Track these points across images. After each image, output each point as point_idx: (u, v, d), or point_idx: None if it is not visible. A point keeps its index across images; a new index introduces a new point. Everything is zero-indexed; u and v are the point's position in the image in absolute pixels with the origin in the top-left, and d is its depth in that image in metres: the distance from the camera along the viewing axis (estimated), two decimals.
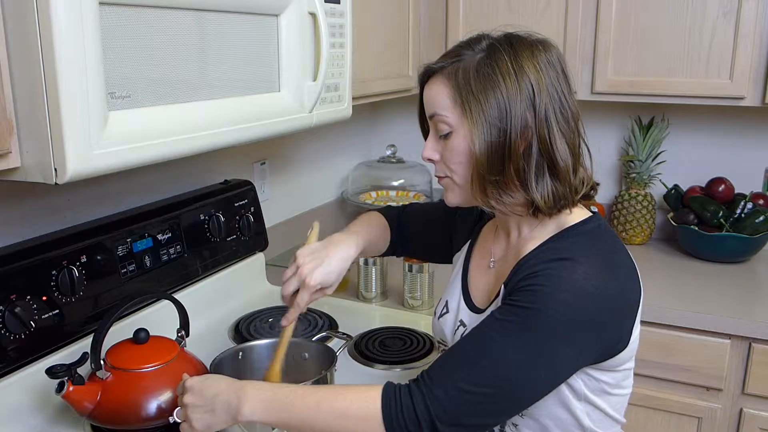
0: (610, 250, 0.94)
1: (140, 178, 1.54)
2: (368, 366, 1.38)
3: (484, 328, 0.90)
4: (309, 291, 1.08)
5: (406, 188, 2.41)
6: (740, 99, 1.88)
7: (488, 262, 1.08)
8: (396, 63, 1.99)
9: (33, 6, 0.81)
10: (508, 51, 0.92)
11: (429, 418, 0.85)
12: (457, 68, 0.94)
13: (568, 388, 0.94)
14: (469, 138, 0.93)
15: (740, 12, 1.82)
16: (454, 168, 0.97)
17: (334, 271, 1.10)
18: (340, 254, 1.12)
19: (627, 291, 0.92)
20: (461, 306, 1.08)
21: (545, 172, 0.92)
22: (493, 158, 0.91)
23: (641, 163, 2.21)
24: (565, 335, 0.86)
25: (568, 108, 0.93)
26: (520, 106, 0.90)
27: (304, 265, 1.09)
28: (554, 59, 0.94)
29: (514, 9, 2.06)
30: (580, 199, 0.97)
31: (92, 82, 0.87)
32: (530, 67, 0.91)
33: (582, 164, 0.97)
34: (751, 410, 1.75)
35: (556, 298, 0.86)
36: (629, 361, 0.97)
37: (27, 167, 0.88)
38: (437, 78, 0.97)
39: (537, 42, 0.95)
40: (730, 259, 2.07)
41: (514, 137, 0.90)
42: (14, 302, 1.12)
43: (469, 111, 0.91)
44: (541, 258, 0.92)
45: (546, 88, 0.91)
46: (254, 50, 1.20)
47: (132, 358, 1.10)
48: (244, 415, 0.92)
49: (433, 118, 0.97)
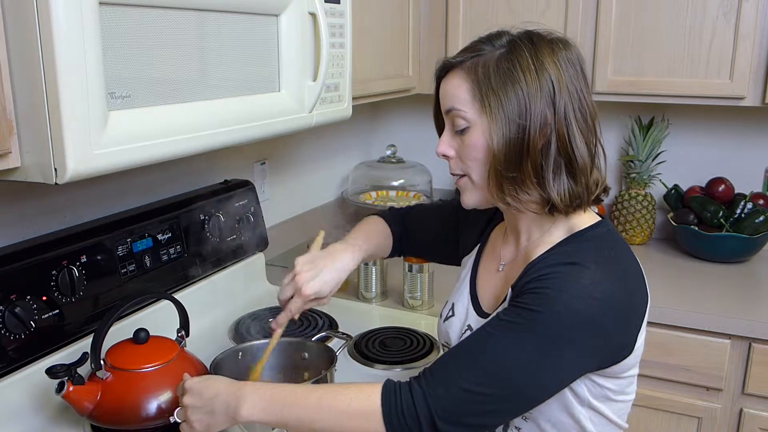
0: (618, 256, 0.93)
1: (140, 178, 1.54)
2: (368, 366, 1.38)
3: (488, 329, 0.90)
4: (303, 300, 1.10)
5: (406, 188, 2.41)
6: (740, 99, 1.88)
7: (497, 266, 1.07)
8: (396, 63, 1.99)
9: (33, 6, 0.81)
10: (529, 47, 0.92)
11: (429, 416, 0.85)
12: (476, 63, 0.93)
13: (571, 393, 0.93)
14: (487, 134, 0.92)
15: (740, 12, 1.82)
16: (470, 164, 0.96)
17: (330, 283, 1.12)
18: (337, 266, 1.13)
19: (634, 297, 0.92)
20: (469, 311, 1.07)
21: (563, 170, 0.92)
22: (511, 154, 0.91)
23: (641, 163, 2.21)
24: (569, 339, 0.85)
25: (587, 106, 0.93)
26: (540, 103, 0.89)
27: (301, 274, 1.10)
28: (574, 57, 0.94)
29: (514, 9, 2.06)
30: (593, 201, 0.97)
31: (92, 82, 0.87)
32: (551, 64, 0.90)
33: (597, 165, 0.96)
34: (751, 410, 1.75)
35: (562, 302, 0.85)
36: (633, 368, 0.96)
37: (27, 167, 0.88)
38: (456, 72, 0.96)
39: (557, 39, 0.94)
40: (730, 259, 2.07)
41: (533, 134, 0.89)
42: (14, 302, 1.12)
43: (488, 106, 0.91)
44: (549, 261, 0.91)
45: (566, 85, 0.91)
46: (254, 50, 1.20)
47: (132, 358, 1.10)
48: (242, 416, 0.92)
49: (450, 113, 0.96)
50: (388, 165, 2.43)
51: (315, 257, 1.13)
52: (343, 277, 1.14)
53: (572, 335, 0.85)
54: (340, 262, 1.14)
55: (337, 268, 1.13)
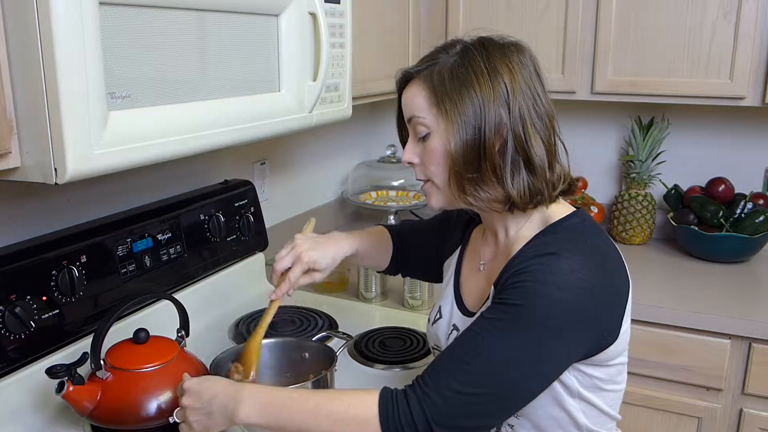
0: (595, 244, 0.95)
1: (140, 178, 1.54)
2: (368, 366, 1.38)
3: (474, 329, 0.91)
4: (302, 267, 1.15)
5: (406, 188, 2.41)
6: (740, 99, 1.88)
7: (478, 265, 1.09)
8: (396, 63, 1.99)
9: (33, 6, 0.81)
10: (482, 53, 0.95)
11: (425, 422, 0.86)
12: (432, 71, 0.96)
13: (561, 385, 0.94)
14: (445, 138, 0.94)
15: (740, 12, 1.82)
16: (433, 169, 0.98)
17: (327, 257, 1.18)
18: (334, 247, 1.20)
19: (613, 282, 0.93)
20: (454, 310, 1.09)
21: (521, 168, 0.94)
22: (469, 156, 0.93)
23: (641, 163, 2.21)
24: (553, 329, 0.87)
25: (542, 106, 0.96)
26: (495, 105, 0.92)
27: (301, 245, 1.17)
28: (527, 60, 0.96)
29: (514, 9, 2.06)
30: (562, 195, 1.00)
31: (92, 82, 0.87)
32: (503, 67, 0.93)
33: (558, 161, 0.98)
34: (751, 410, 1.75)
35: (541, 293, 0.86)
36: (621, 355, 0.97)
37: (27, 167, 0.88)
38: (414, 82, 0.99)
39: (509, 44, 0.98)
40: (730, 259, 2.07)
41: (489, 135, 0.92)
42: (14, 302, 1.12)
43: (445, 111, 0.94)
44: (526, 255, 0.93)
45: (520, 86, 0.93)
46: (254, 50, 1.20)
47: (132, 358, 1.10)
48: (240, 418, 0.92)
49: (411, 121, 0.99)
50: (388, 165, 2.44)
51: (312, 235, 1.21)
52: (338, 257, 1.20)
53: (555, 325, 0.86)
54: (337, 245, 1.21)
55: (335, 248, 1.20)
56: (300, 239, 1.18)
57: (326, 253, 1.18)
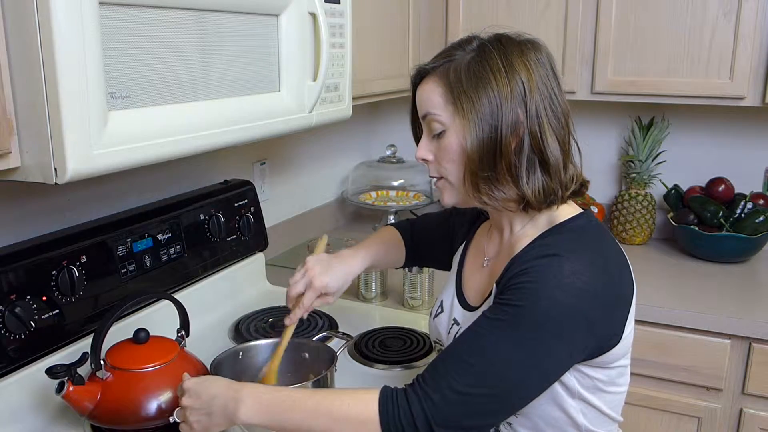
0: (598, 246, 0.94)
1: (140, 178, 1.54)
2: (368, 366, 1.38)
3: (475, 328, 0.91)
4: (315, 292, 1.15)
5: (406, 188, 2.41)
6: (740, 99, 1.88)
7: (482, 261, 1.09)
8: (396, 63, 1.99)
9: (33, 6, 0.81)
10: (499, 49, 0.94)
11: (426, 422, 0.86)
12: (448, 68, 0.95)
13: (561, 385, 0.94)
14: (461, 135, 0.94)
15: (740, 12, 1.82)
16: (447, 167, 0.97)
17: (338, 280, 1.19)
18: (345, 269, 1.20)
19: (616, 285, 0.93)
20: (455, 304, 1.09)
21: (536, 168, 0.93)
22: (484, 155, 0.92)
23: (641, 163, 2.21)
24: (555, 331, 0.86)
25: (559, 105, 0.95)
26: (512, 103, 0.91)
27: (313, 269, 1.17)
28: (544, 58, 0.95)
29: (514, 9, 2.06)
30: (571, 195, 0.99)
31: (92, 82, 0.87)
32: (520, 65, 0.92)
33: (572, 161, 0.98)
34: (751, 410, 1.75)
35: (544, 295, 0.86)
36: (623, 358, 0.97)
37: (27, 167, 0.88)
38: (430, 78, 0.98)
39: (526, 41, 0.96)
40: (730, 259, 2.07)
41: (505, 133, 0.91)
42: (14, 302, 1.12)
43: (462, 109, 0.93)
44: (530, 255, 0.92)
45: (537, 85, 0.92)
46: (254, 50, 1.20)
47: (132, 358, 1.10)
48: (240, 418, 0.92)
49: (426, 117, 0.98)
50: (388, 165, 2.44)
51: (324, 256, 1.21)
52: (349, 279, 1.21)
53: (557, 327, 0.86)
54: (348, 265, 1.21)
55: (345, 270, 1.20)
56: (311, 262, 1.18)
57: (337, 276, 1.18)
